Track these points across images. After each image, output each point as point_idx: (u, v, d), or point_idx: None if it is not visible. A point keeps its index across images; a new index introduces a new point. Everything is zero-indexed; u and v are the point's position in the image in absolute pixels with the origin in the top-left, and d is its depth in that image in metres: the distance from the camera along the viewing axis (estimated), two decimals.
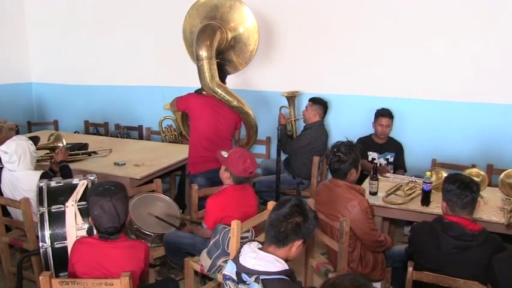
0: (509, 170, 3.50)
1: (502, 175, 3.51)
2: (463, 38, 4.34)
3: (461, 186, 2.44)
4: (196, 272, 3.25)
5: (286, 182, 4.45)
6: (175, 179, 5.18)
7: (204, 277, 3.46)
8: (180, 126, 4.72)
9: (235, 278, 1.98)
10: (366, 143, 4.46)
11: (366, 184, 3.58)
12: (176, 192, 4.92)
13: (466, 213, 2.47)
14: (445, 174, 3.32)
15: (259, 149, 5.24)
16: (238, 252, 2.05)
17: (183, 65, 4.78)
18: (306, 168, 4.41)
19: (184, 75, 4.88)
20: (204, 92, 4.03)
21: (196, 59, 3.93)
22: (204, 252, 3.03)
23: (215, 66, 3.94)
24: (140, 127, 5.75)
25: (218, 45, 4.06)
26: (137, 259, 2.40)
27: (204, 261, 3.02)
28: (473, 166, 4.03)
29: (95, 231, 2.67)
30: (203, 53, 3.89)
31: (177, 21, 4.47)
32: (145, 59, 5.66)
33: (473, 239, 2.39)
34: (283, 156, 4.61)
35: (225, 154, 3.16)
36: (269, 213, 2.10)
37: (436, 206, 3.16)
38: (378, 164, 4.32)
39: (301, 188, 4.43)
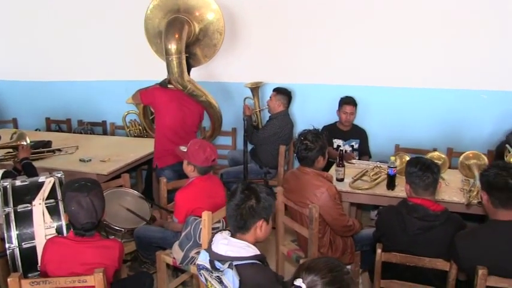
0: (467, 153, 3.62)
1: (461, 157, 3.64)
2: (423, 26, 4.44)
3: (422, 168, 2.53)
4: (168, 265, 3.26)
5: (253, 172, 4.48)
6: (142, 174, 5.16)
7: (176, 270, 3.48)
8: (141, 119, 4.68)
9: (209, 266, 2.00)
10: (331, 131, 4.54)
11: (333, 171, 3.64)
12: (143, 187, 4.90)
13: (429, 194, 2.56)
14: (408, 159, 3.42)
15: (226, 141, 5.26)
16: (211, 241, 2.08)
17: (146, 58, 4.70)
18: (273, 158, 4.45)
19: (148, 69, 4.81)
20: (169, 86, 4.01)
21: (166, 53, 3.88)
22: (175, 245, 3.04)
23: (184, 61, 3.93)
24: (104, 122, 5.67)
25: (186, 39, 4.03)
26: (111, 259, 2.40)
27: (176, 254, 3.02)
28: (435, 150, 4.13)
29: (64, 232, 2.67)
30: (173, 47, 3.86)
31: (138, 13, 4.39)
32: (107, 53, 5.55)
33: (436, 219, 2.48)
34: (249, 147, 4.64)
35: (184, 148, 3.18)
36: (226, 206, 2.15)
37: (401, 190, 3.24)
38: (344, 151, 4.42)
39: (268, 177, 4.47)
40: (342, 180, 3.54)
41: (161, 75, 4.05)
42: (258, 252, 2.02)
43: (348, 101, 4.47)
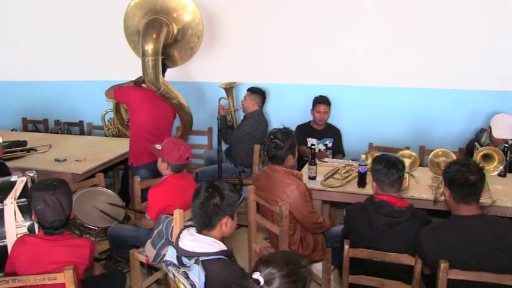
0: (437, 150, 3.71)
1: (431, 155, 3.72)
2: (394, 26, 4.52)
3: (387, 165, 2.60)
4: (142, 264, 3.28)
5: (228, 171, 4.52)
6: (118, 173, 5.16)
7: (150, 268, 3.50)
8: (114, 114, 4.69)
9: (176, 262, 2.04)
10: (305, 130, 4.60)
11: (306, 169, 3.69)
12: (120, 187, 4.90)
13: (394, 191, 2.63)
14: None
15: (201, 140, 5.29)
16: (178, 237, 2.11)
17: (124, 58, 4.70)
18: (248, 157, 4.50)
19: (125, 69, 4.76)
20: (143, 85, 4.02)
21: (142, 54, 3.89)
22: (148, 243, 3.06)
23: (160, 63, 3.94)
24: (81, 122, 5.65)
25: (164, 41, 4.04)
26: (82, 257, 2.42)
27: (148, 252, 3.05)
28: (407, 148, 4.21)
29: (36, 231, 2.66)
30: (150, 47, 3.86)
31: (116, 12, 4.39)
32: (85, 53, 5.51)
33: (402, 215, 2.55)
34: (224, 146, 4.68)
35: (159, 147, 3.22)
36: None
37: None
38: (317, 150, 4.49)
39: (243, 176, 4.52)
40: (314, 178, 3.59)
41: (138, 75, 4.06)
42: (224, 248, 2.06)
43: (321, 100, 4.53)
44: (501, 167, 3.60)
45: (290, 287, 1.53)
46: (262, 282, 1.52)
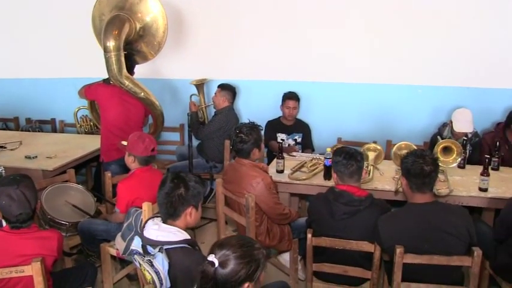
0: (400, 143, 3.83)
1: (394, 148, 3.85)
2: (362, 24, 4.65)
3: (346, 157, 2.70)
4: (114, 258, 3.32)
5: (200, 166, 4.58)
6: (91, 171, 5.18)
7: (123, 262, 3.53)
8: (90, 113, 4.72)
9: (141, 251, 2.11)
10: (275, 125, 4.70)
11: (274, 163, 3.78)
12: (93, 183, 4.93)
13: (354, 181, 2.74)
14: None
15: (173, 136, 5.35)
16: (143, 227, 2.18)
17: (94, 54, 4.68)
18: (219, 152, 4.57)
19: (96, 66, 4.78)
20: (111, 82, 4.07)
21: (104, 50, 3.93)
22: (118, 236, 3.10)
23: (123, 58, 3.97)
24: (53, 120, 5.64)
25: (127, 36, 4.08)
26: (50, 249, 2.44)
27: (119, 245, 3.08)
28: (374, 142, 4.32)
29: (4, 223, 2.69)
30: (111, 44, 3.91)
31: (85, 9, 4.42)
32: (55, 50, 5.50)
33: (361, 204, 2.66)
34: (196, 142, 4.75)
35: (124, 143, 3.31)
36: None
37: None
38: (287, 145, 4.59)
39: (214, 171, 4.59)
40: (282, 171, 3.68)
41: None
42: (188, 237, 2.14)
43: (290, 96, 4.63)
44: (460, 159, 3.74)
45: (244, 267, 1.61)
46: (216, 263, 1.60)
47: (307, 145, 4.73)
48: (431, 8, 4.47)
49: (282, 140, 4.62)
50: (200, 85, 4.85)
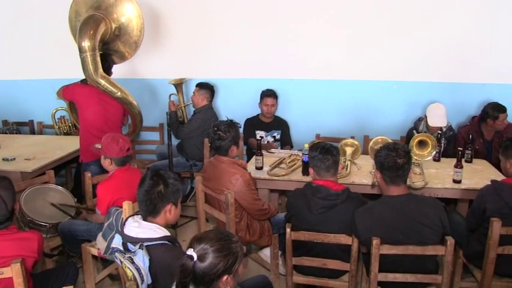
0: (376, 138, 3.89)
1: (371, 143, 3.90)
2: (338, 22, 4.73)
3: (322, 152, 2.75)
4: (96, 258, 3.33)
5: (180, 165, 4.61)
6: (71, 172, 5.16)
7: (105, 261, 3.53)
8: (69, 114, 4.70)
9: (121, 248, 2.13)
10: (254, 123, 4.75)
11: (253, 160, 3.82)
12: (73, 185, 4.91)
13: (330, 175, 2.79)
14: None
15: (153, 136, 5.36)
16: (123, 224, 2.21)
17: (72, 55, 4.64)
18: (199, 151, 4.60)
19: (74, 66, 4.74)
20: (89, 82, 4.06)
21: (80, 50, 3.93)
22: (99, 236, 3.10)
23: (98, 58, 3.97)
24: (31, 122, 5.59)
25: (103, 36, 4.08)
26: (29, 250, 2.43)
27: (100, 245, 3.09)
28: (352, 137, 4.39)
29: None
30: (86, 44, 3.90)
31: (62, 10, 4.40)
32: (32, 52, 5.45)
33: (338, 198, 2.71)
34: (176, 141, 4.77)
35: (98, 146, 3.30)
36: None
37: None
38: (266, 142, 4.63)
39: (194, 169, 4.61)
40: (260, 168, 3.73)
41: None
42: (168, 234, 2.18)
43: (268, 94, 4.68)
44: (435, 152, 3.83)
45: (222, 260, 1.65)
46: (195, 257, 1.64)
47: (285, 142, 4.79)
48: (406, 5, 4.56)
49: (260, 137, 4.66)
50: (179, 84, 4.87)
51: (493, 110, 4.21)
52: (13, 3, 5.37)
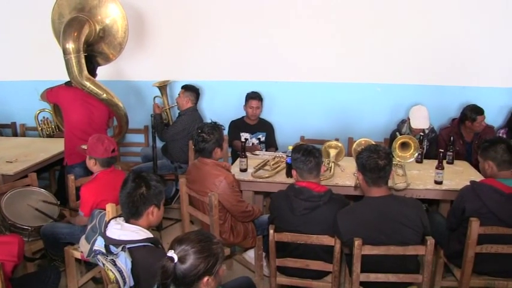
0: (360, 140, 3.95)
1: (354, 145, 3.95)
2: (322, 24, 4.76)
3: (304, 154, 2.78)
4: (80, 261, 3.30)
5: (165, 167, 4.61)
6: (55, 174, 5.12)
7: (88, 265, 3.51)
8: (54, 117, 4.67)
9: (104, 251, 2.13)
10: (239, 125, 4.76)
11: (238, 162, 3.83)
12: (56, 187, 4.88)
13: (313, 177, 2.82)
14: None
15: (138, 138, 5.36)
16: (106, 227, 2.21)
17: (55, 57, 4.60)
18: (183, 153, 4.60)
19: (57, 68, 4.70)
20: (73, 84, 4.05)
21: (64, 52, 3.90)
22: (82, 239, 3.08)
23: (83, 60, 3.95)
24: (13, 124, 5.53)
25: (87, 38, 4.05)
26: (9, 254, 2.41)
27: (83, 248, 3.06)
28: (337, 139, 4.45)
29: None
30: (70, 46, 3.88)
31: (45, 11, 4.35)
32: (14, 53, 5.41)
33: (320, 199, 2.73)
34: (161, 143, 4.76)
35: (84, 147, 3.30)
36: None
37: None
38: (251, 144, 4.65)
39: (179, 172, 4.61)
40: (245, 170, 3.74)
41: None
42: (151, 235, 2.18)
43: (253, 96, 4.70)
44: (417, 154, 3.88)
45: (203, 262, 1.67)
46: (176, 259, 1.65)
47: (270, 144, 4.81)
48: (390, 10, 4.62)
49: (245, 139, 4.68)
50: (163, 87, 4.87)
51: (471, 112, 4.31)
52: None
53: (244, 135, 4.73)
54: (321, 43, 4.81)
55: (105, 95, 4.07)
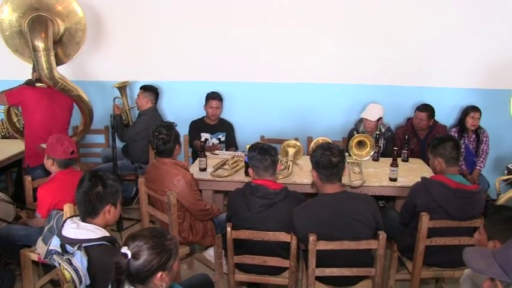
0: (317, 139, 4.01)
1: (312, 143, 4.02)
2: (282, 25, 4.82)
3: (260, 152, 2.84)
4: (37, 263, 3.26)
5: (125, 167, 4.59)
6: (12, 176, 5.01)
7: (46, 267, 3.46)
8: (5, 118, 4.58)
9: (60, 250, 2.13)
10: (199, 125, 4.78)
11: (197, 162, 3.85)
12: (14, 189, 4.78)
13: (269, 175, 2.88)
14: None
15: (98, 139, 5.30)
16: (62, 226, 2.20)
17: (10, 57, 4.55)
18: (144, 153, 4.60)
19: (12, 68, 4.64)
20: (38, 84, 3.99)
21: (34, 50, 3.86)
22: (39, 240, 3.04)
23: (53, 57, 3.93)
24: None
25: (53, 36, 4.03)
26: None
27: (40, 249, 3.03)
28: (296, 139, 4.51)
29: None
30: (40, 44, 3.85)
31: None
32: None
33: (276, 196, 2.79)
34: (121, 144, 4.74)
35: (44, 146, 3.25)
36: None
37: None
38: (211, 144, 4.68)
39: (139, 172, 4.59)
40: (204, 169, 3.77)
41: (22, 74, 4.01)
42: (107, 234, 2.19)
43: (213, 96, 4.72)
44: (373, 152, 3.99)
45: (156, 257, 1.69)
46: (129, 255, 1.67)
47: (230, 144, 4.85)
48: (348, 10, 4.72)
49: (206, 139, 4.70)
50: (123, 87, 4.85)
51: (416, 109, 4.57)
52: None
53: (204, 135, 4.74)
54: (280, 43, 4.87)
55: (75, 92, 4.08)
